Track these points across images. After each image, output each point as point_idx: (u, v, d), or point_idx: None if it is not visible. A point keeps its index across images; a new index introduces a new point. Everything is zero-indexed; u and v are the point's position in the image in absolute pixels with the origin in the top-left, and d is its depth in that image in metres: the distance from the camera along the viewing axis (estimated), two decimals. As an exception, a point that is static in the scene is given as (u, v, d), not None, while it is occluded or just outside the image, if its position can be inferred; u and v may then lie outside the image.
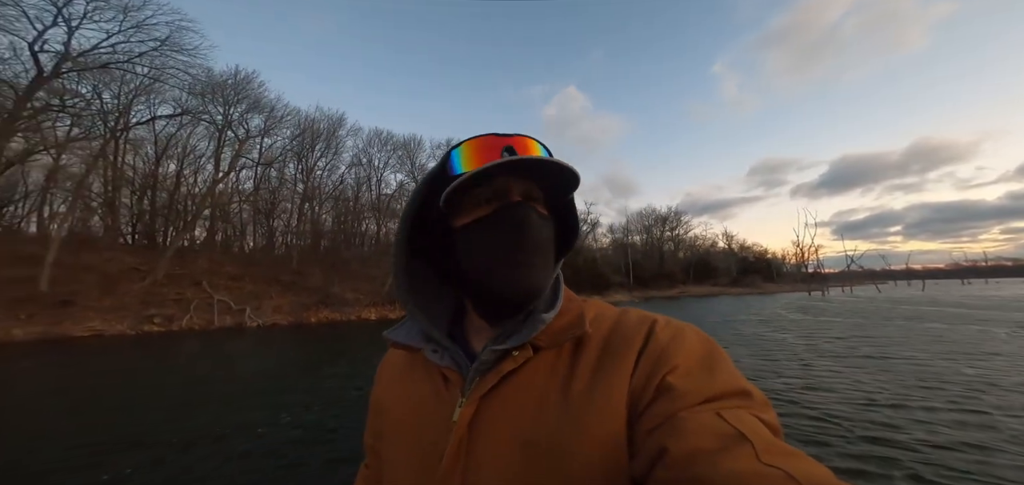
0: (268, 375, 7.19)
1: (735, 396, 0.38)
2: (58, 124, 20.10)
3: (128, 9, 19.33)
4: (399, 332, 0.53)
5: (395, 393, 0.53)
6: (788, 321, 14.01)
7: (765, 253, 74.29)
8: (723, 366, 0.40)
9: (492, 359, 0.44)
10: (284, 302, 19.32)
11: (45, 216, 23.40)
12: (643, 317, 0.46)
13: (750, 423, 0.34)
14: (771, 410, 0.38)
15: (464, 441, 0.42)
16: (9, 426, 4.20)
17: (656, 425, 0.36)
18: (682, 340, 0.42)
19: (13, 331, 12.22)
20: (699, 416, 0.35)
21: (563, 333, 0.44)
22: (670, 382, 0.38)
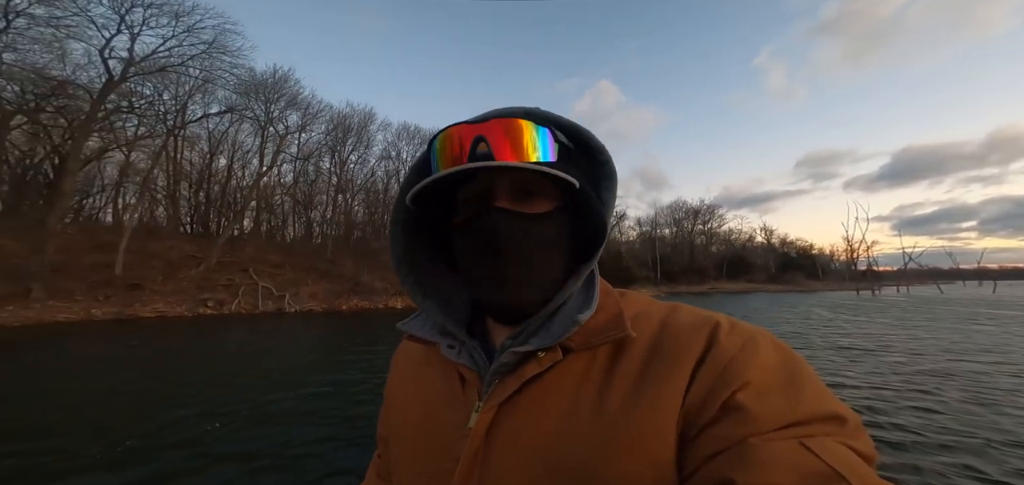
0: (307, 357, 7.92)
1: (823, 421, 0.31)
2: (127, 124, 22.58)
3: (179, 14, 21.12)
4: (414, 324, 0.49)
5: (408, 388, 0.50)
6: (814, 317, 13.20)
7: (810, 249, 69.29)
8: (808, 383, 0.34)
9: (513, 361, 0.39)
10: (319, 289, 20.72)
11: (119, 208, 26.42)
12: (702, 318, 0.39)
13: (844, 457, 0.28)
14: (866, 437, 0.32)
15: (480, 452, 0.38)
16: (126, 394, 5.04)
17: (718, 451, 0.31)
18: (755, 350, 0.35)
19: (93, 311, 14.11)
20: (776, 445, 0.29)
21: (598, 335, 0.39)
22: (740, 401, 0.32)
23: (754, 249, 65.01)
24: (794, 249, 67.79)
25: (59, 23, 17.94)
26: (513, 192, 0.41)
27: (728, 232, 65.35)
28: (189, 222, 28.23)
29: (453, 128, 0.40)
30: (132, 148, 24.02)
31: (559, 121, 0.43)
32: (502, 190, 0.40)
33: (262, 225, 29.81)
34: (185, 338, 10.30)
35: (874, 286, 42.20)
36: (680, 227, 59.17)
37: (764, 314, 14.85)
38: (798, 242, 70.40)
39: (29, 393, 5.11)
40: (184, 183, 27.99)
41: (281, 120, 27.65)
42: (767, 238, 69.46)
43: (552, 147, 0.40)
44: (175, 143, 25.77)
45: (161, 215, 27.42)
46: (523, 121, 0.40)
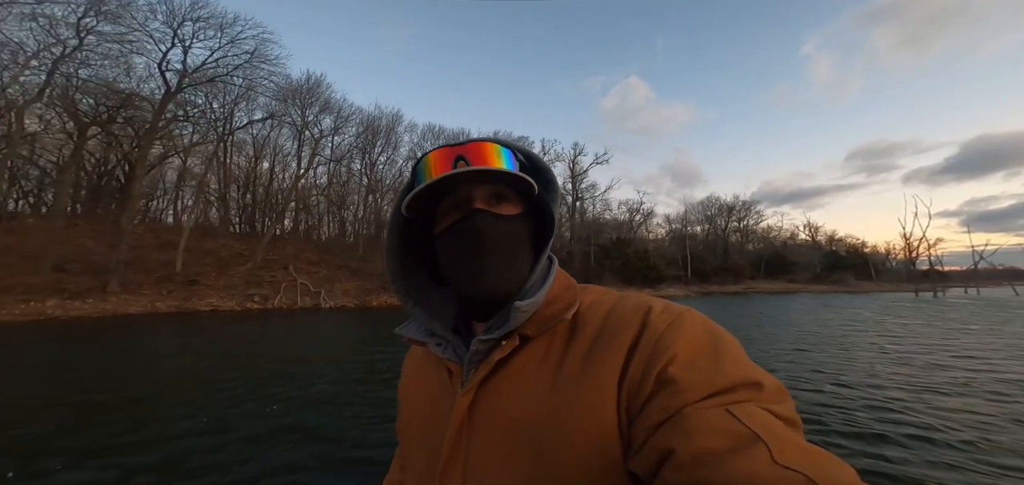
0: (337, 348, 8.50)
1: (745, 387, 0.36)
2: (183, 132, 24.82)
3: (223, 26, 22.87)
4: (409, 327, 0.55)
5: (414, 386, 0.57)
6: (857, 320, 12.18)
7: (862, 246, 63.82)
8: (730, 354, 0.38)
9: (483, 349, 0.46)
10: (351, 286, 21.86)
11: (178, 209, 29.18)
12: (640, 302, 0.45)
13: (762, 419, 0.32)
14: (787, 400, 0.36)
15: (464, 429, 0.44)
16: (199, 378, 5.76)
17: (659, 421, 0.35)
18: (681, 326, 0.40)
19: (157, 304, 15.76)
20: (706, 413, 0.33)
21: (550, 321, 0.45)
22: (672, 373, 0.36)
23: (797, 247, 60.81)
24: (843, 247, 62.71)
25: (123, 38, 20.05)
26: (488, 198, 0.48)
27: (767, 229, 61.64)
28: (238, 222, 30.63)
29: (436, 150, 0.48)
30: (189, 154, 26.43)
31: (517, 146, 0.52)
32: (479, 196, 0.48)
33: (300, 224, 31.78)
34: (239, 330, 11.30)
35: (936, 287, 38.27)
36: (713, 224, 56.52)
37: (803, 316, 13.93)
38: (848, 239, 65.12)
39: (142, 371, 6.13)
40: (233, 186, 30.38)
41: (315, 124, 29.32)
42: (812, 235, 64.78)
43: (515, 164, 0.49)
44: (225, 148, 28.00)
45: (214, 216, 29.93)
46: (492, 143, 0.48)
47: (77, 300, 14.12)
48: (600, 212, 45.70)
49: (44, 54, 17.76)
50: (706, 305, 22.92)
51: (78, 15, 18.23)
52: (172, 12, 21.32)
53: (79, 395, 4.89)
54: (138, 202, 22.04)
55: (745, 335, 9.89)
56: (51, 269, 14.99)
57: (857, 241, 65.14)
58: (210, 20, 22.37)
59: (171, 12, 21.30)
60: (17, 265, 14.19)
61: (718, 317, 9.17)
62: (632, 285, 33.73)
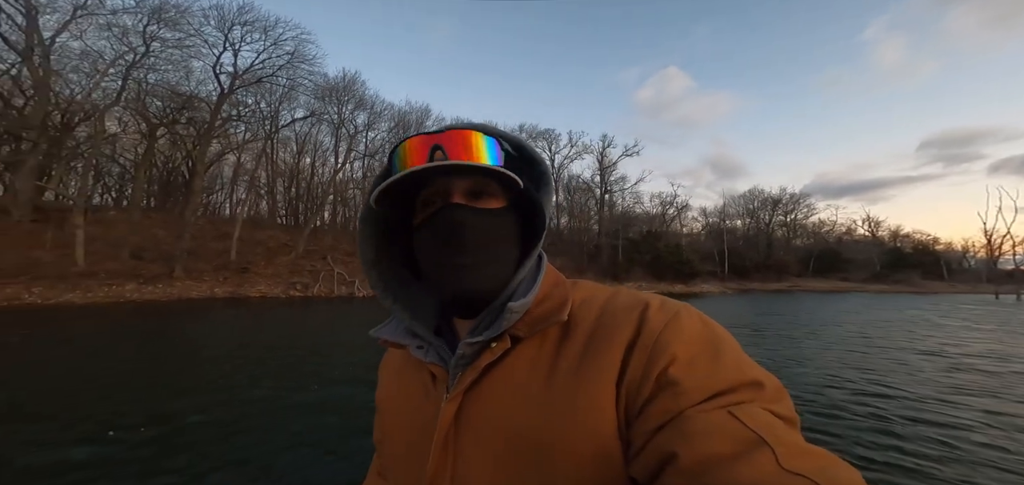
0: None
1: (745, 387, 0.35)
2: (236, 130, 27.05)
3: (267, 28, 24.50)
4: (386, 329, 0.52)
5: (392, 392, 0.54)
6: (913, 322, 10.94)
7: (933, 243, 57.04)
8: (729, 353, 0.38)
9: (471, 353, 0.44)
10: (383, 277, 22.99)
11: (233, 202, 31.96)
12: (635, 300, 0.43)
13: (766, 422, 0.32)
14: (786, 399, 0.36)
15: (451, 436, 0.42)
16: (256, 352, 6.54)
17: (660, 424, 0.34)
18: (678, 325, 0.39)
19: (215, 289, 17.52)
20: (708, 416, 0.32)
21: (542, 321, 0.43)
22: (672, 375, 0.36)
23: (854, 243, 55.60)
24: (910, 243, 56.40)
25: (181, 44, 22.09)
26: (467, 192, 0.45)
27: (818, 224, 56.83)
28: (284, 213, 33.05)
29: (412, 138, 0.44)
30: (242, 151, 28.77)
31: (505, 135, 0.48)
32: (458, 190, 0.45)
33: (338, 217, 33.69)
34: (288, 315, 12.37)
35: (1020, 289, 33.53)
36: (755, 218, 52.97)
37: (853, 317, 12.76)
38: (915, 235, 58.43)
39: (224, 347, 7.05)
40: (279, 180, 32.75)
41: (351, 120, 30.75)
42: (872, 230, 58.87)
43: (499, 154, 0.46)
44: (272, 145, 30.17)
45: (263, 208, 32.50)
46: (475, 132, 0.44)
47: (150, 284, 16.07)
48: (630, 205, 44.44)
49: (119, 61, 20.01)
50: (734, 303, 21.71)
51: (144, 23, 20.34)
52: (222, 17, 23.17)
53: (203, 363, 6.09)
54: (199, 196, 24.41)
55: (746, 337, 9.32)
56: (129, 256, 17.12)
57: (927, 237, 58.31)
58: (255, 23, 24.10)
59: (221, 17, 23.15)
60: (102, 252, 16.36)
61: (720, 314, 8.68)
62: (663, 281, 32.60)
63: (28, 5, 17.10)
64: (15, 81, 18.11)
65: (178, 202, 27.09)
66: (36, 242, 15.56)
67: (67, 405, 4.17)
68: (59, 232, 16.06)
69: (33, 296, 13.07)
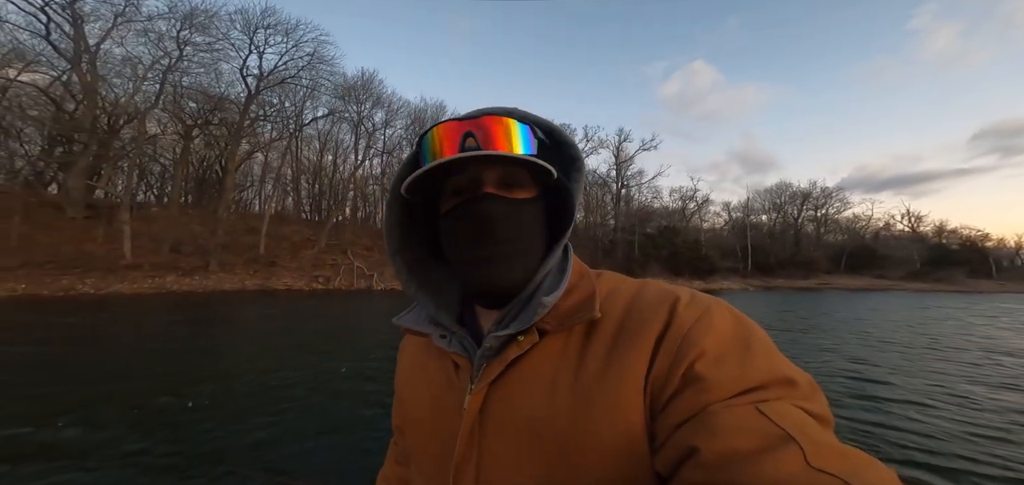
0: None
1: (776, 385, 0.34)
2: (263, 130, 28.36)
3: (288, 31, 25.48)
4: (408, 317, 0.52)
5: (412, 380, 0.53)
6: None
7: (984, 239, 52.87)
8: (760, 349, 0.36)
9: (497, 345, 0.43)
10: (401, 271, 23.68)
11: (262, 198, 33.57)
12: (664, 293, 0.42)
13: (796, 418, 0.31)
14: (820, 398, 0.35)
15: (476, 429, 0.42)
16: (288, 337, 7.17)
17: (684, 419, 0.33)
18: (709, 320, 0.38)
19: (246, 282, 18.62)
20: (735, 411, 0.31)
21: (571, 316, 0.42)
22: (698, 371, 0.35)
23: (892, 239, 52.35)
24: (957, 239, 52.50)
25: (211, 47, 23.31)
26: (499, 182, 0.44)
27: (852, 219, 53.75)
28: (307, 209, 34.43)
29: (444, 124, 0.43)
30: (268, 149, 30.16)
31: (537, 120, 0.47)
32: (490, 179, 0.44)
33: (358, 212, 34.80)
34: (313, 307, 13.07)
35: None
36: (782, 213, 50.72)
37: (892, 316, 12.11)
38: (962, 230, 54.30)
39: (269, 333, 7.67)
40: (303, 177, 34.10)
41: (369, 118, 31.59)
42: (913, 225, 55.11)
43: (532, 142, 0.44)
44: (296, 143, 31.43)
45: (288, 204, 33.98)
46: (508, 119, 0.43)
47: (188, 276, 17.27)
48: (648, 200, 43.51)
49: (156, 65, 21.36)
50: (770, 303, 21.01)
51: (177, 28, 21.59)
52: (247, 21, 24.25)
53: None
54: (231, 193, 25.77)
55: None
56: (169, 250, 18.42)
57: (977, 233, 54.08)
58: (277, 26, 25.12)
59: (247, 21, 24.24)
60: (145, 247, 17.69)
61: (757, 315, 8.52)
62: (680, 277, 31.89)
63: (74, 14, 18.51)
64: (66, 87, 19.66)
65: (212, 199, 28.76)
66: (88, 237, 17.01)
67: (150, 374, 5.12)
68: (108, 228, 17.47)
69: (86, 286, 14.37)
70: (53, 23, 18.19)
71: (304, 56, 26.27)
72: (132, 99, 20.65)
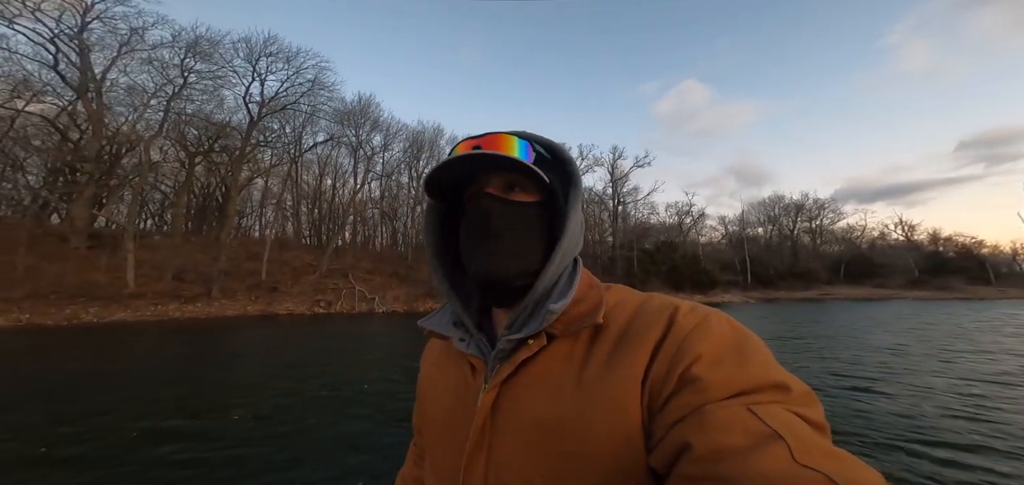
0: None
1: (770, 390, 0.36)
2: (264, 155, 28.81)
3: (289, 58, 26.32)
4: (432, 320, 0.57)
5: (434, 380, 0.57)
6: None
7: (978, 246, 53.45)
8: (756, 356, 0.38)
9: (509, 348, 0.46)
10: (401, 292, 23.67)
11: (262, 224, 33.75)
12: (665, 303, 0.45)
13: (786, 420, 0.32)
14: (815, 404, 0.36)
15: (487, 425, 0.45)
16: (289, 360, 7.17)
17: (679, 418, 0.35)
18: (708, 327, 0.41)
19: (247, 308, 18.56)
20: (727, 410, 0.33)
21: (578, 322, 0.45)
22: (695, 373, 0.37)
23: (888, 248, 52.84)
24: (952, 247, 53.05)
25: (214, 75, 23.94)
26: (501, 186, 0.50)
27: (847, 229, 54.41)
28: (307, 234, 34.57)
29: (462, 141, 0.50)
30: (269, 175, 30.58)
31: (539, 138, 0.53)
32: (492, 183, 0.50)
33: (358, 236, 34.97)
34: (315, 331, 13.03)
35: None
36: (777, 225, 51.32)
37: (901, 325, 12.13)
38: (957, 238, 54.93)
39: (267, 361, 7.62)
40: (303, 202, 34.41)
41: (367, 142, 32.21)
42: (907, 234, 55.75)
43: (530, 154, 0.49)
44: (296, 169, 31.88)
45: (288, 229, 34.14)
46: (508, 135, 0.49)
47: (190, 304, 17.24)
48: (645, 216, 43.98)
49: (160, 93, 21.85)
50: (771, 314, 21.03)
51: (181, 57, 22.20)
52: (250, 49, 25.06)
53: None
54: (233, 220, 26.02)
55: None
56: (172, 278, 18.43)
57: (972, 240, 54.71)
58: (279, 54, 26.01)
59: (250, 49, 25.05)
60: (148, 275, 17.71)
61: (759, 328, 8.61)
62: (681, 291, 31.95)
63: (81, 44, 19.05)
64: (70, 116, 20.01)
65: (213, 226, 28.92)
66: (92, 266, 17.04)
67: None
68: (112, 257, 17.53)
69: (90, 315, 14.34)
70: (61, 53, 18.66)
71: (305, 83, 27.09)
72: (135, 127, 21.04)
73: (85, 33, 19.27)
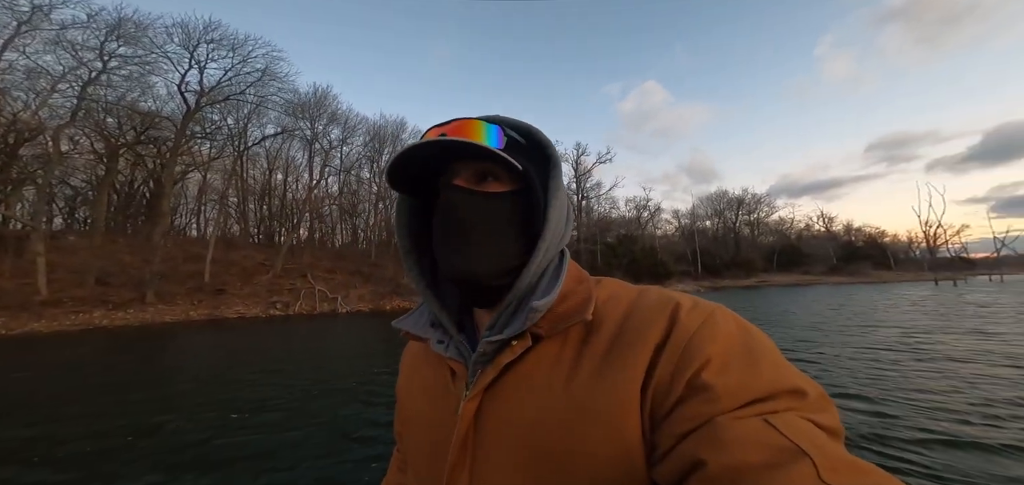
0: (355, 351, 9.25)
1: (785, 396, 0.33)
2: (202, 147, 26.16)
3: (235, 46, 24.14)
4: (408, 320, 0.53)
5: (413, 385, 0.54)
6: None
7: (881, 236, 62.44)
8: (767, 357, 0.35)
9: (491, 350, 0.43)
10: (365, 291, 22.77)
11: (201, 222, 30.67)
12: (664, 298, 0.41)
13: (806, 432, 0.30)
14: (830, 409, 0.34)
15: (470, 435, 0.42)
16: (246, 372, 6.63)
17: (688, 430, 0.32)
18: (713, 327, 0.37)
19: (190, 313, 16.88)
20: (743, 424, 0.31)
21: (564, 320, 0.42)
22: (705, 379, 0.34)
23: (812, 238, 59.92)
24: (861, 237, 61.43)
25: (142, 61, 21.33)
26: (472, 176, 0.45)
27: (779, 221, 60.93)
28: (256, 233, 31.99)
29: (428, 130, 0.46)
30: (207, 169, 27.81)
31: (511, 121, 0.48)
32: (462, 174, 0.46)
33: (315, 233, 33.00)
34: (269, 335, 12.19)
35: (957, 275, 37.44)
36: (722, 218, 56.16)
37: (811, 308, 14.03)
38: (866, 229, 63.74)
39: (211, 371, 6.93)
40: (251, 198, 31.76)
41: (325, 135, 30.49)
42: (826, 226, 63.58)
43: (500, 139, 0.44)
44: (242, 163, 29.33)
45: (233, 227, 31.34)
46: (476, 120, 0.45)
47: (120, 310, 15.30)
48: (607, 210, 45.98)
49: (71, 78, 19.04)
50: (720, 301, 22.98)
51: (100, 40, 19.53)
52: (187, 35, 22.65)
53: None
54: (167, 218, 23.36)
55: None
56: (95, 282, 16.23)
57: (876, 230, 63.79)
58: (222, 41, 23.72)
59: (186, 35, 22.63)
60: (65, 279, 15.46)
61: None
62: (640, 282, 33.50)
63: None
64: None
65: (140, 224, 25.77)
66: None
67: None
68: (17, 260, 15.07)
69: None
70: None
71: (254, 72, 24.98)
72: (36, 114, 18.16)
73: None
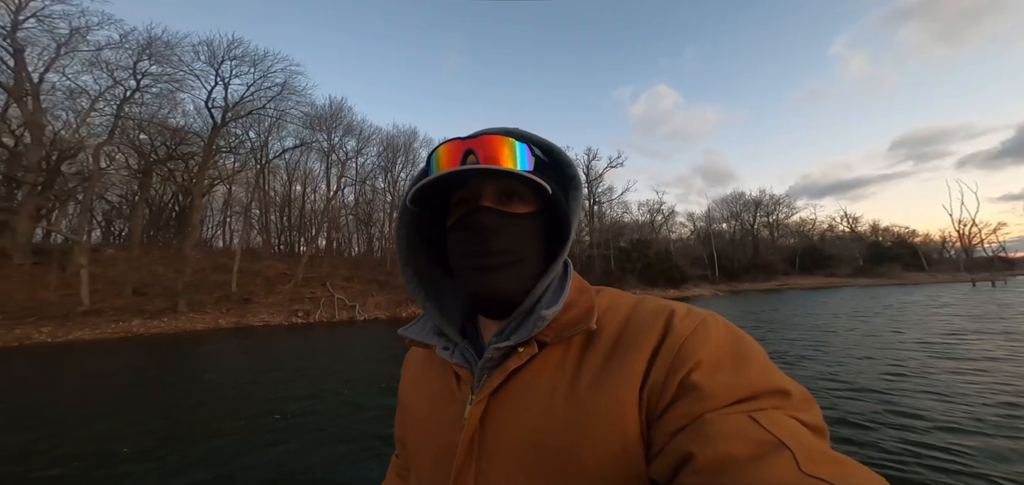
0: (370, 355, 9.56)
1: (770, 395, 0.35)
2: (226, 161, 27.41)
3: (256, 61, 25.33)
4: (413, 329, 0.54)
5: (416, 390, 0.55)
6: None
7: (912, 236, 59.71)
8: (755, 360, 0.38)
9: (498, 357, 0.44)
10: (382, 299, 23.30)
11: (226, 233, 32.03)
12: (660, 307, 0.44)
13: (789, 427, 0.32)
14: (814, 409, 0.36)
15: (476, 438, 0.43)
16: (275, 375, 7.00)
17: (680, 427, 0.35)
18: (705, 332, 0.40)
19: (219, 321, 17.66)
20: (729, 419, 0.33)
21: (569, 328, 0.44)
22: (695, 380, 0.36)
23: (835, 239, 57.78)
24: (890, 237, 58.86)
25: (172, 78, 22.62)
26: (497, 195, 0.47)
27: (800, 223, 59.07)
28: (278, 243, 33.17)
29: (447, 143, 0.47)
30: (232, 181, 29.11)
31: (536, 139, 0.50)
32: (488, 193, 0.47)
33: (333, 243, 33.95)
34: (295, 341, 12.69)
35: (996, 275, 35.38)
36: (739, 220, 54.82)
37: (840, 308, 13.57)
38: (894, 229, 61.05)
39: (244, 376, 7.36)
40: (272, 209, 33.01)
41: (341, 147, 31.47)
42: (851, 226, 61.20)
43: (529, 159, 0.46)
44: (263, 175, 30.58)
45: (256, 238, 32.61)
46: (505, 137, 0.46)
47: (155, 319, 16.19)
48: (619, 215, 45.62)
49: (108, 96, 20.26)
50: (734, 305, 22.58)
51: (133, 59, 20.81)
52: (213, 52, 23.91)
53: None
54: (198, 230, 24.58)
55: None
56: (132, 293, 17.23)
57: (906, 230, 61.03)
58: (244, 57, 24.95)
59: (212, 52, 23.89)
60: (104, 290, 16.48)
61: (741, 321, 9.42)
62: (655, 287, 33.44)
63: (15, 44, 17.46)
64: (4, 122, 18.19)
65: (171, 237, 27.14)
66: (40, 283, 15.65)
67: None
68: (62, 273, 16.18)
69: (43, 335, 13.18)
70: (-6, 56, 17.02)
71: (274, 87, 26.16)
72: (77, 133, 19.45)
73: (19, 33, 17.70)
